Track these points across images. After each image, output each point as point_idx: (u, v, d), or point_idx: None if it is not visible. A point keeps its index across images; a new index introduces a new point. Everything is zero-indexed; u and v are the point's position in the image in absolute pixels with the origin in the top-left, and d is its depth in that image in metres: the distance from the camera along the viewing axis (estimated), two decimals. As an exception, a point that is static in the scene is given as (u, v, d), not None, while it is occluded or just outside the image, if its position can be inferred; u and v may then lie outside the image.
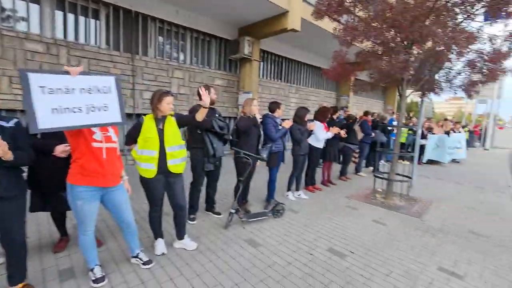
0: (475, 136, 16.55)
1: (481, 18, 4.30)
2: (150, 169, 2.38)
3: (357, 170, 6.61)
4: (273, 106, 3.97)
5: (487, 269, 2.68)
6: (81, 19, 5.57)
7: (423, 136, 8.85)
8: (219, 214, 3.58)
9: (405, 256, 2.83)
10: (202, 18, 7.15)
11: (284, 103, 10.01)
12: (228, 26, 7.73)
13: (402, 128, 8.71)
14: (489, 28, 4.45)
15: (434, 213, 4.23)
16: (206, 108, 2.54)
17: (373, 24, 4.15)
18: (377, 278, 2.42)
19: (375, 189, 5.05)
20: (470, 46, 4.25)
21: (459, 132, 11.11)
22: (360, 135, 6.39)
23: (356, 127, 6.45)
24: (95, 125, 1.85)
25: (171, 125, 2.47)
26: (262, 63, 9.35)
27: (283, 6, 6.47)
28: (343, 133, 5.25)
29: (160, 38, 6.77)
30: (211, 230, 3.17)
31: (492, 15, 4.13)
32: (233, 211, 3.19)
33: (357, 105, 13.91)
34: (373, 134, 6.42)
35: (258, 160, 3.51)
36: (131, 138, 2.47)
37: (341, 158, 6.17)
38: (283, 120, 4.06)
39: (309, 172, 4.90)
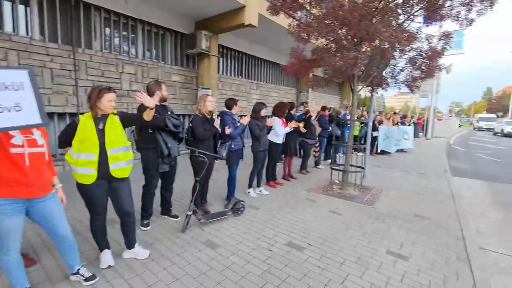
0: (419, 127, 18.35)
1: (420, 19, 4.70)
2: (88, 174, 2.12)
3: (316, 164, 6.85)
4: (230, 103, 3.88)
5: (429, 249, 2.95)
6: (6, 4, 4.83)
7: (375, 128, 9.54)
8: (176, 217, 3.40)
9: (358, 243, 2.98)
10: (154, 10, 6.72)
11: (245, 99, 9.97)
12: (184, 20, 7.39)
13: (355, 122, 9.28)
14: (426, 29, 4.89)
15: (384, 200, 4.56)
16: (151, 109, 2.33)
17: (326, 21, 4.28)
18: (332, 267, 2.50)
19: (332, 180, 5.27)
20: (410, 45, 4.63)
21: (409, 124, 12.23)
22: (318, 130, 6.63)
23: (314, 122, 6.67)
24: (4, 129, 1.56)
25: (113, 125, 2.23)
26: (222, 59, 9.16)
27: (239, 1, 6.37)
28: (302, 128, 5.38)
29: (107, 30, 6.20)
30: (166, 235, 2.99)
31: (428, 17, 4.54)
32: (190, 213, 3.04)
33: (316, 101, 14.48)
34: (330, 128, 6.70)
35: (220, 159, 3.41)
36: (65, 140, 2.18)
37: (302, 153, 6.34)
38: (241, 116, 4.00)
39: (269, 167, 4.92)
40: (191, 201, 3.05)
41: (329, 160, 7.35)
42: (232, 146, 3.72)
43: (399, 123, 10.99)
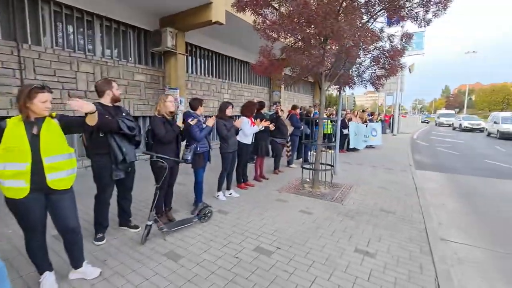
0: (386, 124, 19.29)
1: (383, 19, 4.84)
2: (18, 188, 1.83)
3: (288, 163, 6.84)
4: (195, 103, 3.68)
5: (393, 244, 3.00)
6: None
7: (345, 126, 9.81)
8: (136, 227, 3.14)
9: (327, 243, 2.94)
10: (113, 4, 6.27)
11: (216, 99, 9.73)
12: (147, 16, 7.00)
13: (327, 120, 9.44)
14: (389, 29, 5.06)
15: (353, 196, 4.63)
16: (92, 113, 2.06)
17: (291, 19, 4.23)
18: (300, 271, 2.42)
19: (303, 180, 5.26)
20: (374, 44, 4.74)
21: (377, 121, 12.76)
22: (291, 129, 6.62)
23: (286, 121, 6.65)
24: None
25: (51, 129, 1.95)
26: (191, 57, 8.85)
27: (205, -3, 6.16)
28: (271, 126, 5.31)
29: (59, 25, 5.66)
30: (123, 248, 2.73)
31: (390, 17, 4.68)
32: (150, 222, 2.81)
33: (289, 100, 14.61)
34: (302, 127, 6.72)
35: (181, 162, 3.20)
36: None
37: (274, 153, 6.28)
38: (206, 117, 3.81)
39: (239, 169, 4.78)
40: (151, 209, 2.82)
41: (302, 159, 7.39)
42: (198, 148, 3.53)
43: (367, 121, 11.42)
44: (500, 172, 7.48)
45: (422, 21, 4.50)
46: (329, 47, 4.22)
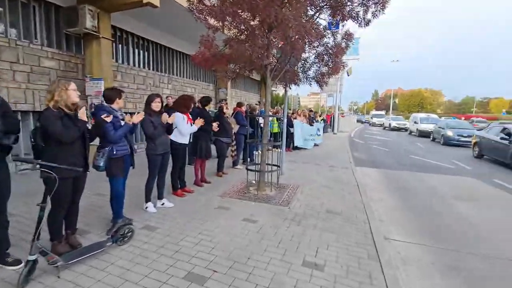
0: (327, 124, 20.50)
1: (326, 16, 4.75)
2: None
3: (234, 164, 6.39)
4: (111, 94, 2.91)
5: (342, 250, 2.79)
6: None
7: (292, 125, 9.85)
8: (17, 264, 2.26)
9: (272, 258, 2.57)
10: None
11: (154, 94, 8.70)
12: (59, -12, 5.70)
13: (275, 118, 9.31)
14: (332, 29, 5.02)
15: (300, 197, 4.42)
16: None
17: (233, 2, 3.76)
18: (240, 301, 1.97)
19: (248, 182, 4.87)
20: (318, 40, 4.61)
21: (319, 121, 13.26)
22: (235, 127, 6.17)
23: (231, 119, 6.19)
24: None
25: None
26: (122, 45, 7.66)
27: (133, -28, 5.25)
28: (215, 126, 4.76)
29: None
30: (-15, 300, 1.88)
31: (333, 15, 4.60)
32: (32, 257, 2.00)
33: (236, 98, 14.18)
34: (248, 125, 6.32)
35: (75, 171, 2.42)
36: None
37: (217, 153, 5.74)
38: (129, 113, 3.07)
39: (175, 173, 4.13)
40: (33, 238, 2.01)
41: (249, 159, 7.03)
42: (114, 152, 2.78)
43: (313, 120, 11.76)
44: (423, 166, 8.36)
45: (363, 21, 4.52)
46: (273, 37, 3.89)
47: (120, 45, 7.58)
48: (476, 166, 8.62)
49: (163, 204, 3.69)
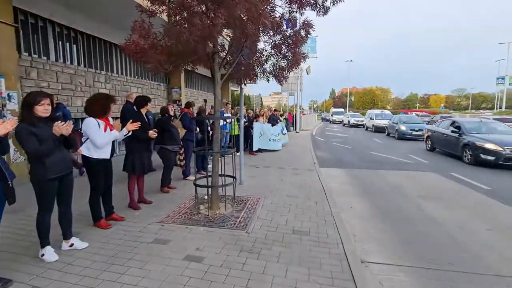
0: (290, 122, 20.35)
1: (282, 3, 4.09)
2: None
3: (184, 175, 5.45)
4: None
5: (314, 293, 2.11)
6: None
7: (251, 126, 9.15)
8: None
9: (219, 325, 1.77)
10: None
11: (86, 95, 7.27)
12: None
13: (235, 120, 8.52)
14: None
15: (261, 215, 3.68)
16: None
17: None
18: None
19: (199, 198, 4.00)
20: (275, 28, 3.93)
21: (282, 120, 12.79)
22: (182, 132, 5.23)
23: (177, 122, 5.23)
24: None
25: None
26: (41, 36, 6.15)
27: None
28: (151, 133, 3.79)
29: None
30: None
31: (288, 2, 3.96)
32: None
33: (192, 99, 13.02)
34: (196, 129, 5.43)
35: None
36: None
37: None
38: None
39: (94, 199, 3.09)
40: None
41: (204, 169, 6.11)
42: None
43: (276, 120, 11.23)
44: (384, 162, 8.30)
45: (321, 8, 3.96)
46: (217, 15, 3.07)
47: (35, 35, 6.07)
48: (431, 159, 8.84)
49: (72, 245, 2.65)
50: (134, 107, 4.34)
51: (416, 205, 4.53)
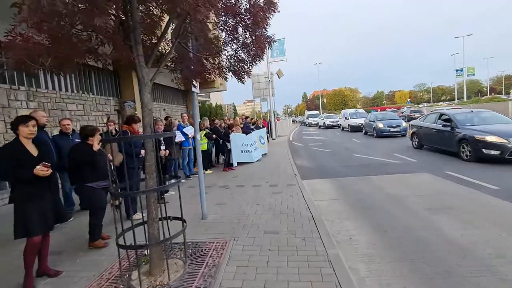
0: (265, 129, 19.37)
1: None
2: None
3: (128, 214, 4.04)
4: None
5: None
6: None
7: (227, 138, 7.90)
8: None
9: None
10: None
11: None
12: None
13: (203, 133, 7.26)
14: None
15: (227, 275, 2.44)
16: None
17: None
18: None
19: (131, 261, 2.66)
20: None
21: (258, 127, 11.64)
22: (118, 159, 3.85)
23: (114, 147, 3.83)
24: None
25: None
26: None
27: None
28: (41, 170, 2.41)
29: None
30: None
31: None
32: None
33: (154, 113, 11.46)
34: (141, 153, 4.08)
35: None
36: None
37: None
38: None
39: None
40: None
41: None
42: None
43: (249, 128, 10.06)
44: (371, 166, 7.44)
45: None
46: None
47: None
48: (419, 157, 8.13)
49: None
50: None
51: (428, 223, 3.54)
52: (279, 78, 18.59)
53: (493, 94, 56.64)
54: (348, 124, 19.88)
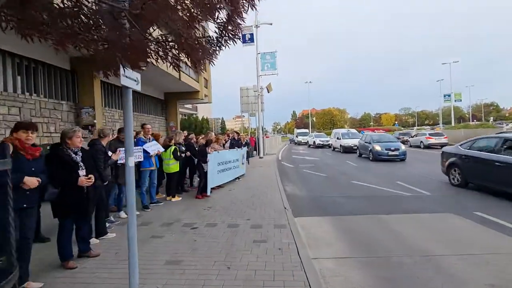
0: (252, 147, 17.92)
1: None
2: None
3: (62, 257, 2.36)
4: None
5: None
6: None
7: (203, 158, 6.30)
8: None
9: None
10: None
11: None
12: None
13: (169, 150, 5.79)
14: None
15: None
16: None
17: None
18: None
19: None
20: None
21: (243, 145, 10.16)
22: None
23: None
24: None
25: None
26: None
27: None
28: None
29: None
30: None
31: None
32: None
33: (120, 124, 9.75)
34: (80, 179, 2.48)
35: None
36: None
37: None
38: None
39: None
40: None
41: (96, 241, 3.07)
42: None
43: (236, 144, 8.57)
44: (377, 198, 6.09)
45: None
46: None
47: None
48: (434, 190, 6.82)
49: None
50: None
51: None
52: (268, 92, 17.49)
53: (475, 120, 58.34)
54: (340, 145, 18.78)
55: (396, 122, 60.62)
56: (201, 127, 29.08)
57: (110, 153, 4.31)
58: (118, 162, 4.49)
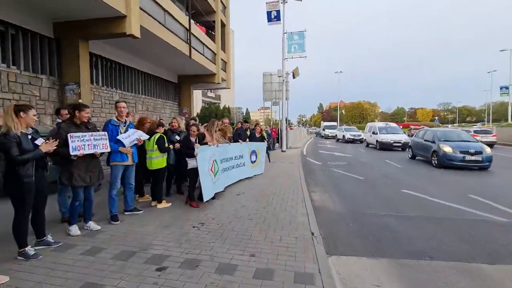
0: (274, 139, 16.12)
1: None
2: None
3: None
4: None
5: None
6: None
7: (188, 152, 4.62)
8: None
9: None
10: None
11: None
12: None
13: (154, 139, 4.23)
14: None
15: None
16: None
17: None
18: None
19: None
20: None
21: (261, 137, 8.33)
22: None
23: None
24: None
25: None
26: None
27: None
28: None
29: None
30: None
31: None
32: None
33: (109, 109, 8.28)
34: None
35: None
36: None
37: None
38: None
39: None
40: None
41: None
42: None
43: (240, 135, 6.78)
44: (448, 220, 4.00)
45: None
46: None
47: None
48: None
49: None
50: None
51: None
52: (294, 78, 15.34)
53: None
54: (377, 140, 16.24)
55: (437, 118, 54.77)
56: (221, 116, 27.73)
57: (40, 141, 2.75)
58: (72, 154, 2.97)
